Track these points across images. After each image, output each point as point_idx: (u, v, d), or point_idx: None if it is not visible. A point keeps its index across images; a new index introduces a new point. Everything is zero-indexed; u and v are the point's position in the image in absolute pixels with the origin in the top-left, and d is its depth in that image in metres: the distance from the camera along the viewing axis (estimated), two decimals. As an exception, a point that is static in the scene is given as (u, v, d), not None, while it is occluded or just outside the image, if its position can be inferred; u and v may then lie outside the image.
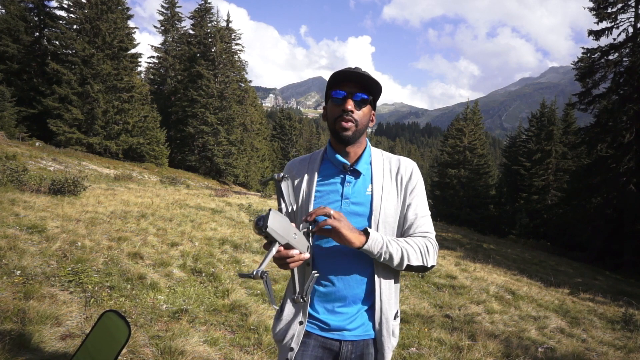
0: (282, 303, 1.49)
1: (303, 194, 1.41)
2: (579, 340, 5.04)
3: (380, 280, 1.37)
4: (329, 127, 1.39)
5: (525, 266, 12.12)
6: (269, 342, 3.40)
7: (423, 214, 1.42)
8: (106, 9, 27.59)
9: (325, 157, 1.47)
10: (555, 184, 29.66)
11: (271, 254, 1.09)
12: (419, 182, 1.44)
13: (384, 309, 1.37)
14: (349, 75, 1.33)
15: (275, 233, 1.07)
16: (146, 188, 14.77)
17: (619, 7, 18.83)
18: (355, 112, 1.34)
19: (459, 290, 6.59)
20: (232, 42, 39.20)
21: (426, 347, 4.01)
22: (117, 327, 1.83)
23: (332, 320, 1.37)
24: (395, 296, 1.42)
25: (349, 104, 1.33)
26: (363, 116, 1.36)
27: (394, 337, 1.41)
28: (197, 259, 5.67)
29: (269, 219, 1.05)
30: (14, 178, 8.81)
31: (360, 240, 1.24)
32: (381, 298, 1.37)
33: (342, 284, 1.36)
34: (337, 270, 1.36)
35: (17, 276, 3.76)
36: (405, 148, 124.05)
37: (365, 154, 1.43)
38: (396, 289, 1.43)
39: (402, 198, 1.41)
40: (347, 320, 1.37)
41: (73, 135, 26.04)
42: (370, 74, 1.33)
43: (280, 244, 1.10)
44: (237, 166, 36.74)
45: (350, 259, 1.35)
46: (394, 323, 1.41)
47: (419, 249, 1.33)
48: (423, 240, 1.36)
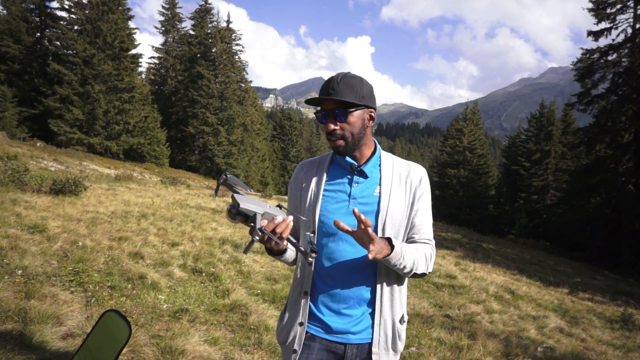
0: (285, 305, 1.50)
1: (312, 193, 1.42)
2: (578, 340, 5.06)
3: (384, 283, 1.37)
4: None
5: (525, 266, 12.14)
6: (269, 342, 3.42)
7: (428, 221, 1.43)
8: (107, 10, 27.64)
9: (334, 159, 1.47)
10: (554, 184, 29.68)
11: (257, 223, 1.11)
12: (427, 189, 1.44)
13: (385, 312, 1.37)
14: (320, 98, 1.31)
15: (248, 208, 1.11)
16: (147, 188, 14.78)
17: (618, 7, 18.85)
18: (340, 125, 1.32)
19: (459, 289, 6.60)
20: (232, 42, 39.25)
21: (426, 346, 4.02)
22: (118, 327, 1.85)
23: (337, 322, 1.37)
24: (401, 299, 1.41)
25: (330, 125, 1.32)
26: (353, 124, 1.33)
27: (400, 342, 1.40)
28: (198, 259, 5.69)
29: (236, 199, 1.10)
30: (15, 178, 8.83)
31: (384, 254, 1.23)
32: (382, 301, 1.36)
33: (347, 285, 1.36)
34: (341, 271, 1.36)
35: (19, 276, 3.78)
36: (405, 148, 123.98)
37: (375, 156, 1.43)
38: (401, 292, 1.42)
39: (410, 202, 1.40)
40: (351, 323, 1.36)
41: (74, 135, 26.07)
42: (346, 85, 1.29)
43: (259, 213, 1.12)
44: (237, 166, 36.78)
45: (355, 261, 1.35)
46: (400, 327, 1.40)
47: (424, 258, 1.35)
48: (428, 248, 1.38)
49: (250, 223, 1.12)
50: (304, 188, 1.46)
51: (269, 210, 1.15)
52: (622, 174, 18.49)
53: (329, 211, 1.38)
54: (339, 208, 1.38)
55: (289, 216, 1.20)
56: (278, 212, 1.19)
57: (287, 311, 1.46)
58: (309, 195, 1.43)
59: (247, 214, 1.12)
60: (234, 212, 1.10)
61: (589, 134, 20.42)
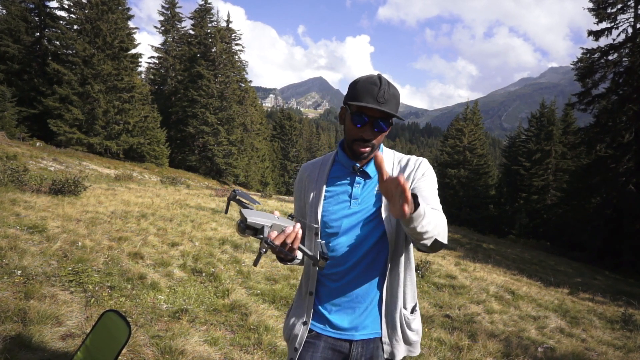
0: (291, 304, 1.52)
1: (313, 194, 1.43)
2: (578, 340, 5.05)
3: (390, 275, 1.37)
4: (346, 138, 1.36)
5: (525, 266, 12.14)
6: (269, 342, 3.41)
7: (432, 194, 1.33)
8: (107, 10, 27.62)
9: (336, 160, 1.47)
10: (554, 184, 29.68)
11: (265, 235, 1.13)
12: (428, 170, 1.39)
13: (391, 304, 1.37)
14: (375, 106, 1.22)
15: (256, 221, 1.13)
16: (146, 188, 14.78)
17: (619, 7, 18.85)
18: (374, 135, 1.29)
19: (459, 290, 6.59)
20: (232, 42, 39.26)
21: (426, 346, 4.02)
22: (117, 327, 1.84)
23: (341, 320, 1.38)
24: (412, 289, 1.41)
25: (369, 134, 1.28)
26: (381, 137, 1.32)
27: (411, 331, 1.40)
28: (198, 259, 5.68)
29: (243, 214, 1.14)
30: (14, 178, 8.82)
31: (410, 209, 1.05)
32: (388, 294, 1.37)
33: (351, 282, 1.37)
34: (345, 268, 1.37)
35: (18, 276, 3.77)
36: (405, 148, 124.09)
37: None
38: (411, 282, 1.41)
39: (410, 184, 1.35)
40: (356, 320, 1.38)
41: (73, 135, 26.06)
42: (394, 92, 1.25)
43: (267, 226, 1.14)
44: (237, 166, 36.78)
45: (359, 258, 1.36)
46: (409, 316, 1.40)
47: (444, 223, 1.21)
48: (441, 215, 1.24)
49: (259, 235, 1.14)
50: (307, 190, 1.46)
51: (277, 222, 1.17)
52: (623, 174, 18.49)
53: (330, 212, 1.39)
54: (340, 209, 1.39)
55: (296, 224, 1.20)
56: (288, 223, 1.20)
57: (292, 310, 1.49)
58: (311, 196, 1.44)
59: (256, 227, 1.14)
60: (243, 226, 1.13)
61: (590, 134, 20.41)
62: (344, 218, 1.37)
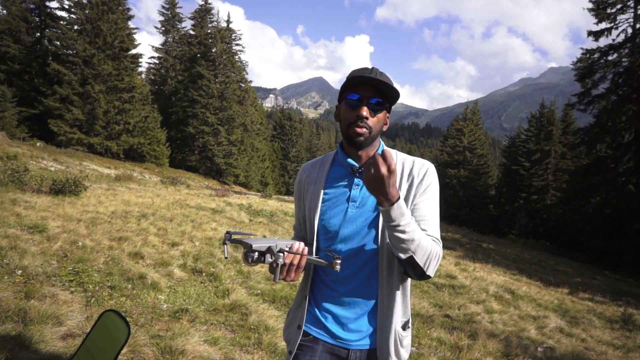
0: (291, 305, 1.53)
1: (312, 197, 1.40)
2: (578, 340, 5.05)
3: (386, 287, 1.32)
4: (342, 130, 1.33)
5: (525, 266, 12.14)
6: (269, 342, 3.41)
7: (433, 217, 1.31)
8: (107, 10, 27.62)
9: (336, 160, 1.44)
10: (554, 184, 29.69)
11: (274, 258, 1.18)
12: (433, 183, 1.34)
13: (387, 318, 1.33)
14: (366, 80, 1.26)
15: (261, 246, 1.17)
16: (147, 188, 14.78)
17: (618, 7, 18.86)
18: (369, 118, 1.28)
19: (459, 289, 6.60)
20: (232, 42, 39.26)
21: (426, 346, 4.02)
22: (117, 327, 1.85)
23: (338, 329, 1.36)
24: (404, 305, 1.36)
25: (364, 110, 1.26)
26: (377, 122, 1.30)
27: (402, 348, 1.35)
28: (198, 259, 5.69)
29: (247, 242, 1.18)
30: (15, 178, 8.83)
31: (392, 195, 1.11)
32: (384, 306, 1.32)
33: (348, 289, 1.34)
34: (343, 274, 1.34)
35: (18, 276, 3.78)
36: (405, 148, 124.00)
37: None
38: (405, 297, 1.36)
39: (411, 199, 1.31)
40: (352, 330, 1.35)
41: (74, 135, 26.05)
42: (388, 79, 1.28)
43: (273, 249, 1.18)
44: (237, 166, 36.76)
45: (356, 264, 1.33)
46: (402, 333, 1.35)
47: (429, 248, 1.21)
48: (434, 244, 1.24)
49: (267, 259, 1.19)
50: (306, 192, 1.44)
51: (280, 242, 1.22)
52: (622, 174, 18.49)
53: (328, 215, 1.36)
54: (338, 212, 1.35)
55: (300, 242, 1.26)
56: (290, 242, 1.26)
57: (290, 312, 1.49)
58: (310, 200, 1.41)
59: (261, 250, 1.18)
60: (249, 253, 1.17)
61: (589, 134, 20.42)
62: (341, 223, 1.33)
